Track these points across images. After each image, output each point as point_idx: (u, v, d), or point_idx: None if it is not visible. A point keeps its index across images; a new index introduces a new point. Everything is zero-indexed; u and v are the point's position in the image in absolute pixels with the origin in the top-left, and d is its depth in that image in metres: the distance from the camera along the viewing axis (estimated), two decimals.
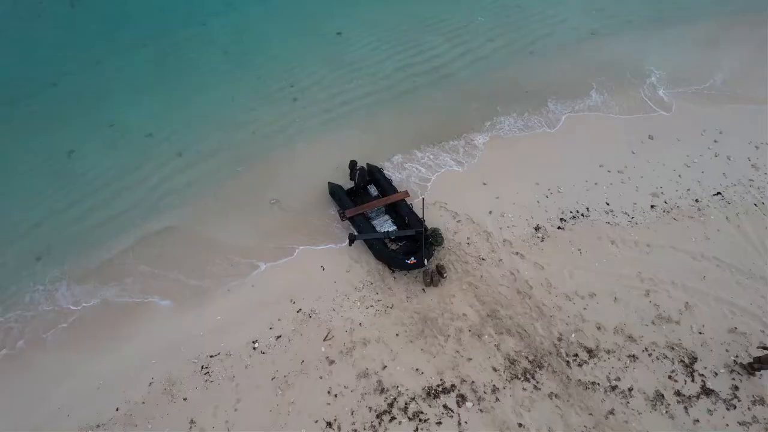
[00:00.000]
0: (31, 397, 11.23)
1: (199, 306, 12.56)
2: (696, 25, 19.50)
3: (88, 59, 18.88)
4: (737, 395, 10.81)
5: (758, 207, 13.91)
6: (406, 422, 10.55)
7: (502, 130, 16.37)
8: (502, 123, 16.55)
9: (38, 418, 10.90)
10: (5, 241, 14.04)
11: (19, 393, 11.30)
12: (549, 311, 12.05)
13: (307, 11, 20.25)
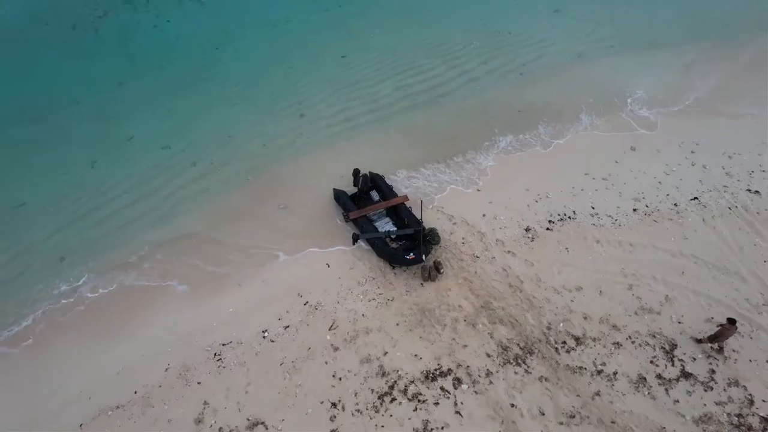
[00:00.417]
0: (54, 382, 12.01)
1: (213, 300, 13.46)
2: (672, 49, 21.02)
3: (110, 80, 20.32)
4: (714, 378, 11.60)
5: (732, 210, 14.97)
6: (406, 403, 11.31)
7: (501, 151, 17.33)
8: (500, 143, 17.53)
9: (61, 401, 11.65)
10: (32, 243, 15.05)
11: (44, 378, 12.09)
12: (539, 303, 12.94)
13: (314, 37, 21.85)
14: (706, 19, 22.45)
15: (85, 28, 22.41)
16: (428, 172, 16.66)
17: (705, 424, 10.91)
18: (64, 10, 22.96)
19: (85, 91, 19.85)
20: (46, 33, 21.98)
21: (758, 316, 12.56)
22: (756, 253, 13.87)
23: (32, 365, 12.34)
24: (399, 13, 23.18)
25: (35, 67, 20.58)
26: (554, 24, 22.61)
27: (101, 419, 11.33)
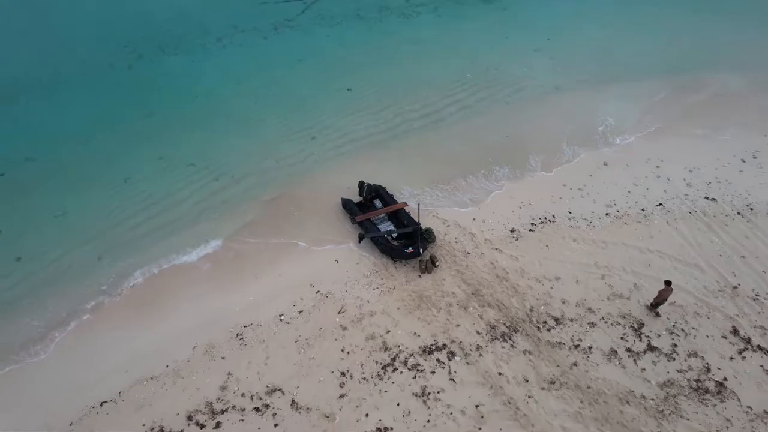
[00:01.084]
0: (96, 359, 13.59)
1: (234, 290, 15.20)
2: (639, 82, 23.67)
3: (141, 111, 22.80)
4: (676, 351, 13.21)
5: (692, 214, 16.97)
6: (406, 372, 12.87)
7: (497, 180, 19.12)
8: (497, 173, 19.31)
9: (101, 374, 13.18)
10: (73, 245, 16.93)
11: (90, 354, 13.68)
12: (522, 290, 14.70)
13: (324, 72, 24.57)
14: (668, 56, 25.29)
15: (121, 67, 25.17)
16: (429, 189, 18.72)
17: (668, 388, 12.45)
18: (104, 52, 25.84)
19: (120, 120, 22.29)
20: (87, 70, 24.70)
21: (714, 300, 14.31)
22: (712, 249, 15.77)
23: (80, 347, 13.96)
24: (399, 52, 26.05)
25: (78, 98, 23.12)
26: (535, 61, 25.43)
27: (137, 387, 12.85)
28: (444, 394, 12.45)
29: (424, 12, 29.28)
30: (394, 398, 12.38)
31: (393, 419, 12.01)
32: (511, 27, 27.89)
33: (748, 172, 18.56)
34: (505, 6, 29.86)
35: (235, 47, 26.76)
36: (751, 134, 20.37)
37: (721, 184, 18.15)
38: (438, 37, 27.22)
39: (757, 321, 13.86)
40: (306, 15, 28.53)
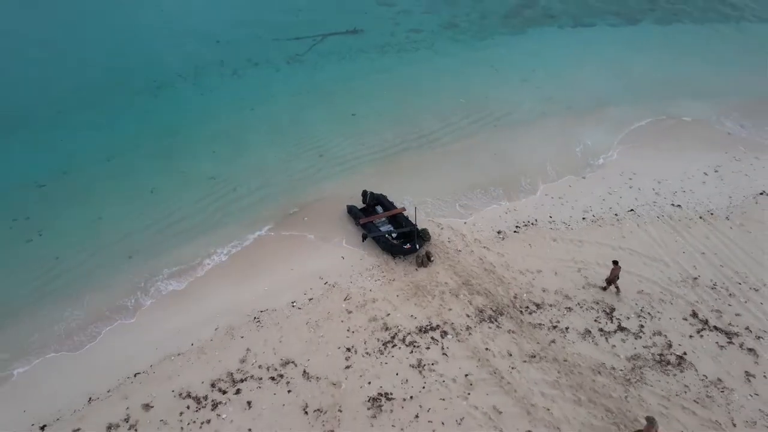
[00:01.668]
0: (129, 340, 15.33)
1: (251, 283, 17.06)
2: (616, 108, 26.11)
3: (165, 132, 25.18)
4: (643, 330, 14.95)
5: (659, 218, 19.01)
6: (404, 348, 14.58)
7: (488, 193, 21.15)
8: (487, 186, 21.40)
9: (134, 352, 14.89)
10: (106, 245, 18.90)
11: (124, 336, 15.44)
12: (507, 281, 16.56)
13: (330, 99, 27.09)
14: (640, 87, 27.92)
15: (145, 94, 27.81)
16: (426, 198, 20.79)
17: (635, 360, 14.14)
18: (131, 81, 28.57)
19: (145, 139, 24.60)
20: (115, 96, 27.32)
21: (677, 289, 16.15)
22: (677, 247, 17.72)
23: (115, 332, 15.74)
24: (398, 82, 28.70)
25: (108, 121, 25.59)
26: (523, 90, 28.06)
27: (166, 362, 14.55)
28: (437, 366, 14.13)
29: (421, 48, 32.28)
30: (394, 369, 14.07)
31: (392, 386, 13.65)
32: (500, 61, 30.72)
33: (709, 183, 20.73)
34: (496, 43, 32.88)
35: (250, 78, 29.50)
36: (713, 152, 22.65)
37: (686, 193, 20.27)
38: (433, 70, 30.00)
39: (714, 306, 15.66)
40: (314, 51, 31.50)
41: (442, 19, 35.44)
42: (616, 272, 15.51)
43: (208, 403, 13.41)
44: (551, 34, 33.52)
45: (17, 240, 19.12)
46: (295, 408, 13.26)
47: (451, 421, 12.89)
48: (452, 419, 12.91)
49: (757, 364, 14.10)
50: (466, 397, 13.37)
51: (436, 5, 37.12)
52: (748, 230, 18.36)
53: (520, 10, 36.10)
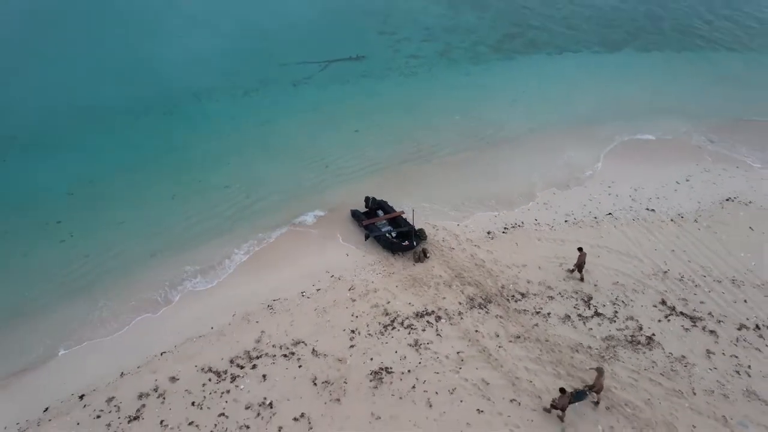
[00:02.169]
0: (156, 327, 17.05)
1: (264, 276, 18.85)
2: (597, 125, 28.36)
3: (183, 145, 27.31)
4: (617, 315, 16.68)
5: (635, 220, 20.94)
6: (403, 330, 16.28)
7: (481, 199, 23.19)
8: (479, 193, 23.43)
9: (160, 336, 16.58)
10: (130, 246, 20.75)
11: (151, 325, 17.18)
12: (496, 273, 18.36)
13: (335, 117, 29.33)
14: (620, 107, 30.25)
15: (163, 112, 30.08)
16: (423, 204, 22.76)
17: (609, 341, 15.83)
18: (150, 100, 30.93)
19: (165, 153, 26.73)
20: (136, 114, 29.63)
21: (649, 281, 17.95)
22: (649, 245, 19.58)
23: (144, 320, 17.50)
24: (398, 102, 31.02)
25: (130, 135, 27.80)
26: (512, 110, 30.35)
27: (188, 343, 16.25)
28: (432, 345, 15.81)
29: (419, 72, 34.78)
30: (393, 348, 15.74)
31: (392, 362, 15.31)
32: (492, 84, 33.18)
33: (681, 191, 22.73)
34: (488, 68, 35.42)
35: (261, 98, 31.85)
36: (685, 164, 24.73)
37: (660, 199, 22.24)
38: (430, 91, 32.36)
39: (681, 295, 17.42)
40: (321, 74, 33.99)
41: (438, 46, 38.16)
42: (582, 258, 17.42)
43: (228, 376, 15.05)
44: (539, 61, 36.13)
45: (51, 240, 21.00)
46: (305, 380, 14.89)
47: (444, 391, 14.50)
48: (445, 389, 14.53)
49: (716, 343, 15.78)
50: (457, 371, 15.01)
51: (433, 34, 39.94)
52: (714, 231, 20.26)
53: (511, 39, 38.87)
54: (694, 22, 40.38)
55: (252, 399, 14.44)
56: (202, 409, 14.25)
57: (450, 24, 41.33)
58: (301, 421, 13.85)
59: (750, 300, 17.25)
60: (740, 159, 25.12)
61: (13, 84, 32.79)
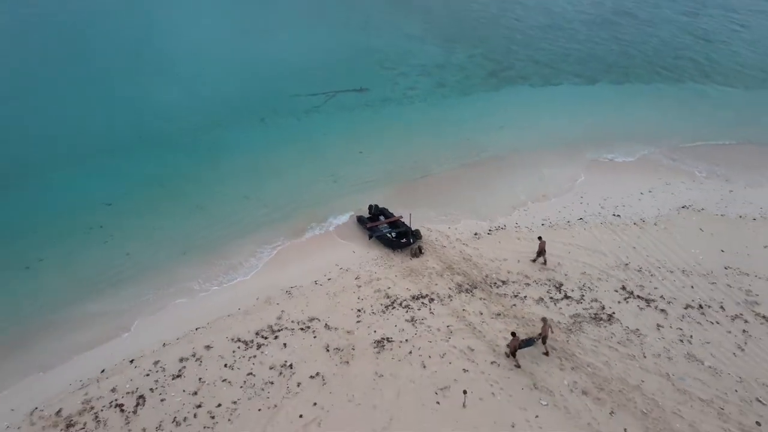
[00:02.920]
0: (190, 309, 19.97)
1: (283, 270, 21.89)
2: (572, 147, 32.06)
3: (207, 164, 30.84)
4: (584, 298, 19.66)
5: (602, 224, 24.17)
6: (401, 309, 19.23)
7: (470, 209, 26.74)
8: (469, 204, 27.02)
9: (194, 315, 19.49)
10: (163, 245, 23.86)
11: (186, 308, 20.11)
12: (481, 266, 21.43)
13: (341, 141, 32.98)
14: (592, 130, 34.00)
15: (188, 136, 33.82)
16: (419, 210, 25.98)
17: (576, 317, 18.77)
18: (176, 126, 34.74)
19: (191, 170, 30.16)
20: (162, 139, 33.35)
21: (612, 271, 21.02)
22: (614, 243, 22.74)
23: (180, 304, 20.48)
24: (398, 128, 34.78)
25: (157, 157, 31.39)
26: (500, 133, 34.05)
27: (220, 320, 19.15)
28: (426, 320, 18.73)
29: (416, 102, 38.70)
30: (393, 322, 18.66)
31: (392, 333, 18.20)
32: (481, 111, 37.06)
33: (644, 200, 26.06)
34: (478, 98, 39.44)
35: (274, 124, 35.61)
36: (649, 179, 28.15)
37: (625, 207, 25.54)
38: (426, 118, 36.10)
39: (638, 282, 20.45)
40: (328, 104, 37.93)
41: (434, 80, 42.40)
42: (542, 246, 20.63)
43: (254, 345, 17.91)
44: (524, 92, 40.25)
45: (95, 242, 24.11)
46: (319, 347, 17.75)
47: (436, 355, 17.34)
48: (437, 354, 17.37)
49: (666, 319, 18.70)
50: (447, 340, 17.88)
51: (428, 69, 44.29)
52: (670, 232, 23.45)
53: (498, 73, 43.20)
54: (661, 60, 44.89)
55: (275, 361, 17.26)
56: (233, 369, 17.05)
57: (443, 61, 45.82)
58: (316, 379, 16.63)
59: (696, 286, 20.28)
60: (696, 174, 28.61)
61: (57, 112, 36.75)
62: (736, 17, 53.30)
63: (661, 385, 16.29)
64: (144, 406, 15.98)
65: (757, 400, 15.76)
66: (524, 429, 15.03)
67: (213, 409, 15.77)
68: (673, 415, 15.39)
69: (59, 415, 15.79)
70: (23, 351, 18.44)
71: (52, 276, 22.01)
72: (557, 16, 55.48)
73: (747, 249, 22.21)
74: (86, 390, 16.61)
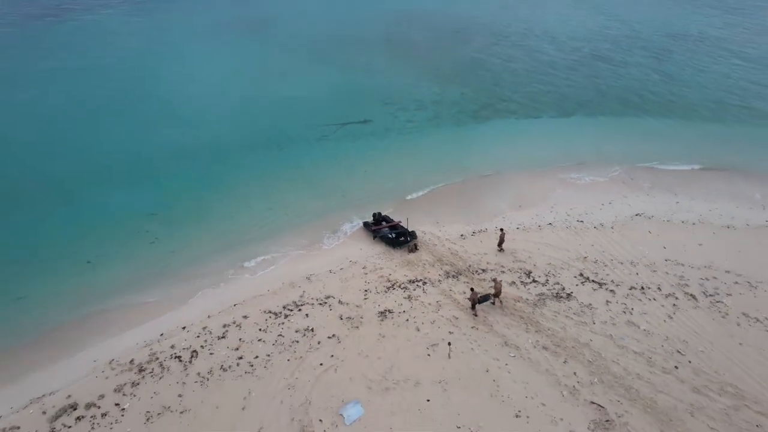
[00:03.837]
0: (228, 292, 24.53)
1: (303, 262, 26.54)
2: (545, 167, 37.22)
3: (233, 182, 35.95)
4: (548, 282, 24.22)
5: (567, 227, 28.92)
6: (400, 290, 23.79)
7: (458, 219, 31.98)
8: (458, 214, 32.30)
9: (231, 296, 24.02)
10: (202, 245, 28.58)
11: (224, 291, 24.69)
12: (465, 258, 26.09)
13: (349, 163, 38.22)
14: (568, 154, 39.31)
15: (218, 162, 39.13)
16: (415, 216, 30.86)
17: (540, 296, 23.29)
18: (203, 153, 40.13)
19: (221, 187, 35.29)
20: (196, 165, 38.64)
21: (573, 262, 25.66)
22: (576, 242, 27.44)
23: (218, 289, 25.07)
24: (397, 153, 40.15)
25: (193, 178, 36.57)
26: (485, 157, 39.14)
27: (252, 299, 23.66)
28: (420, 297, 23.25)
29: (413, 132, 44.17)
30: (393, 299, 23.18)
31: (392, 307, 22.70)
32: (470, 140, 42.50)
33: (604, 210, 30.93)
34: (468, 128, 45.02)
35: (290, 150, 40.89)
36: (611, 194, 33.09)
37: (587, 214, 30.39)
38: (421, 145, 41.47)
39: (594, 271, 25.05)
40: (337, 133, 43.42)
41: (429, 113, 48.14)
42: (503, 236, 25.49)
43: (282, 315, 22.39)
44: (509, 123, 45.88)
45: (143, 242, 28.86)
46: (334, 317, 22.20)
47: (428, 322, 21.78)
48: (428, 321, 21.81)
49: (613, 296, 23.20)
50: (436, 312, 22.36)
51: (424, 104, 50.12)
52: (623, 234, 28.20)
53: (486, 107, 49.01)
54: (629, 96, 50.86)
55: (299, 326, 21.71)
56: (266, 332, 21.48)
57: (437, 98, 51.75)
58: (332, 338, 21.04)
59: (640, 273, 24.86)
60: (650, 190, 33.55)
61: (116, 140, 42.31)
62: (696, 62, 59.95)
63: (605, 343, 20.68)
64: (197, 357, 20.37)
65: (677, 351, 20.14)
66: (496, 372, 19.36)
67: (252, 360, 20.15)
68: (612, 363, 19.73)
69: (132, 363, 20.18)
70: (97, 320, 22.96)
71: (110, 268, 26.66)
72: (541, 60, 62.15)
73: (684, 246, 26.91)
74: (151, 347, 21.05)
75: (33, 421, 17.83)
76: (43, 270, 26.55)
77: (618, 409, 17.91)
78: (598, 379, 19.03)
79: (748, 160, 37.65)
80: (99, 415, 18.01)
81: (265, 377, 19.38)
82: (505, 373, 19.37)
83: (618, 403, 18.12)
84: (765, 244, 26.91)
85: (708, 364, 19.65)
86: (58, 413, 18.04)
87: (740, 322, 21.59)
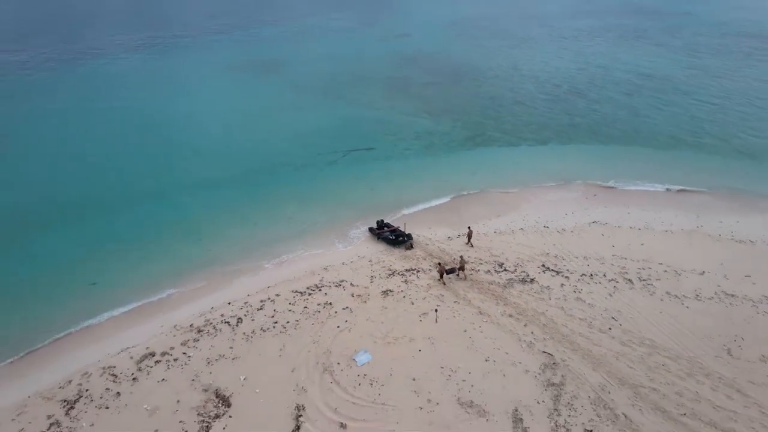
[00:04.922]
0: (258, 279, 30.68)
1: (321, 259, 32.75)
2: (526, 187, 43.88)
3: (259, 198, 42.50)
4: (516, 271, 30.41)
5: (535, 231, 35.26)
6: (398, 276, 30.00)
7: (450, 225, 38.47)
8: (449, 220, 38.85)
9: (263, 282, 30.15)
10: (232, 245, 34.87)
11: (256, 278, 30.85)
12: (451, 254, 32.34)
13: (355, 182, 44.91)
14: (543, 174, 46.03)
15: (244, 182, 45.83)
16: (412, 223, 37.26)
17: (509, 281, 29.42)
18: (230, 176, 46.90)
19: (248, 202, 41.84)
20: (229, 184, 45.33)
21: (538, 257, 31.91)
22: (541, 242, 33.75)
23: (239, 277, 31.27)
24: (398, 173, 46.88)
25: (229, 195, 43.17)
26: (473, 176, 45.94)
27: (280, 283, 29.79)
28: (414, 281, 29.44)
29: (411, 157, 51.06)
30: (393, 282, 29.37)
31: (393, 288, 28.88)
32: (459, 163, 49.37)
33: (567, 218, 37.34)
34: (458, 154, 52.09)
35: (302, 173, 47.72)
36: (575, 205, 39.59)
37: (553, 221, 36.79)
38: (418, 167, 48.43)
39: (554, 263, 31.28)
40: (345, 158, 50.32)
41: (424, 142, 55.20)
42: (470, 233, 31.89)
43: (306, 293, 28.53)
44: (493, 150, 52.83)
45: (189, 242, 35.17)
46: (347, 295, 28.34)
47: (420, 298, 27.90)
48: (420, 298, 27.94)
49: (567, 281, 29.36)
50: (427, 291, 28.52)
51: (420, 134, 57.30)
52: (581, 236, 34.54)
53: (473, 137, 56.16)
54: (599, 127, 58.23)
55: (320, 301, 27.81)
56: (294, 305, 27.58)
57: (431, 129, 59.02)
58: (346, 309, 27.12)
59: (591, 265, 31.07)
60: (607, 202, 40.09)
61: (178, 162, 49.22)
62: (661, 98, 67.80)
63: (557, 313, 26.73)
64: (242, 323, 26.42)
65: (612, 318, 26.21)
66: (472, 332, 25.37)
67: (284, 324, 26.21)
68: (561, 326, 25.75)
69: (191, 327, 26.21)
70: (163, 300, 29.07)
71: (173, 264, 32.94)
72: (523, 96, 70.01)
73: (629, 245, 33.21)
74: (204, 316, 27.13)
75: (124, 363, 23.79)
76: (127, 263, 33.09)
77: (563, 356, 23.86)
78: (550, 337, 25.01)
79: (693, 179, 44.33)
80: (172, 360, 23.94)
81: (295, 335, 25.38)
82: (479, 332, 25.36)
83: (563, 352, 24.08)
84: (693, 244, 33.27)
85: (634, 326, 25.68)
86: (142, 358, 23.98)
87: (663, 298, 27.70)
